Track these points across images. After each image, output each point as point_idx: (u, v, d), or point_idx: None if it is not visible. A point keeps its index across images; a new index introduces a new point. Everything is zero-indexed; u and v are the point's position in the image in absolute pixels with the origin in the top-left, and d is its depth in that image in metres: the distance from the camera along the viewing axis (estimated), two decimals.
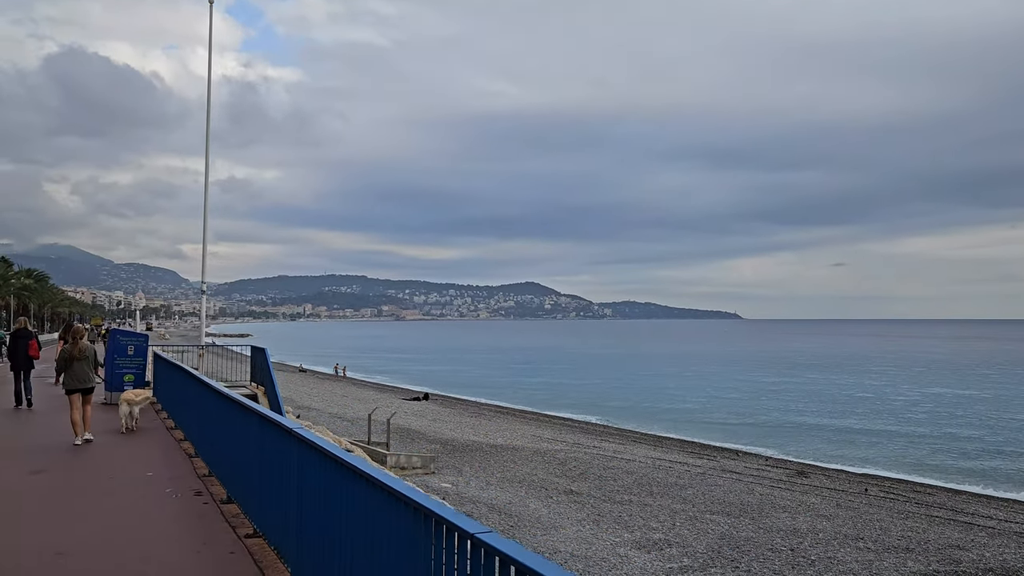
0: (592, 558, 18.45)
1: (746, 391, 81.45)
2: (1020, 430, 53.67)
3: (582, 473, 29.80)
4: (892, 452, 45.26)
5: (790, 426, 55.66)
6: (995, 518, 26.21)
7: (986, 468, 40.57)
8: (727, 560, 18.79)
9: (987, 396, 75.47)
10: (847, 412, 63.73)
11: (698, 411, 64.28)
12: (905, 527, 23.14)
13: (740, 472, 33.12)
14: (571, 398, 72.07)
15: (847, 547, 20.43)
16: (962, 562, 19.20)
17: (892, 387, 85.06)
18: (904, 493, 30.87)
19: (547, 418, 54.96)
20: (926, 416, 60.87)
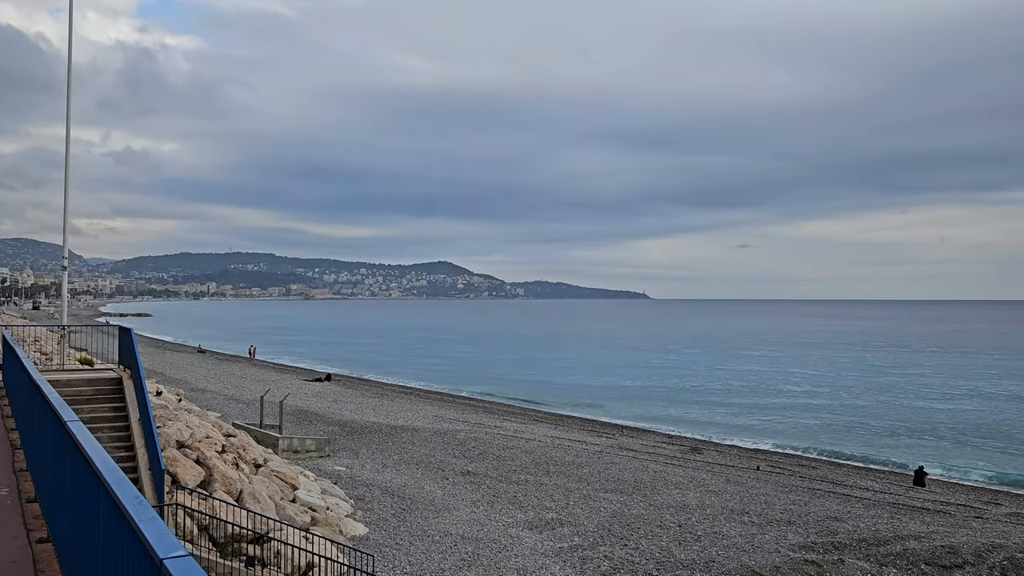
0: (483, 540, 18.30)
1: (649, 370, 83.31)
2: (897, 406, 56.73)
3: (481, 453, 29.68)
4: (782, 427, 47.07)
5: (689, 403, 57.19)
6: (871, 489, 27.49)
7: (865, 442, 42.66)
8: (616, 538, 18.97)
9: (870, 374, 79.52)
10: (743, 389, 65.98)
11: (601, 390, 65.31)
12: (788, 500, 23.95)
13: (636, 450, 33.71)
14: (477, 377, 72.04)
15: (733, 521, 20.96)
16: (839, 533, 19.98)
17: (786, 365, 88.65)
18: (790, 467, 32.06)
19: (451, 398, 54.73)
20: (815, 393, 63.65)
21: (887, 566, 17.61)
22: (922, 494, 27.64)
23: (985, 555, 18.12)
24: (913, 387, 67.74)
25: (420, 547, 17.37)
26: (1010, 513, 24.89)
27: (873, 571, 17.30)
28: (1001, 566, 17.61)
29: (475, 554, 17.09)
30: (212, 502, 14.71)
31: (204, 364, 67.17)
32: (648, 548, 18.22)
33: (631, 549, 18.08)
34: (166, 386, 28.99)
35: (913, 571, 17.45)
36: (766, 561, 17.38)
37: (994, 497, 28.39)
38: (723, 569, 16.83)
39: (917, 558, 18.00)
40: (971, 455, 39.12)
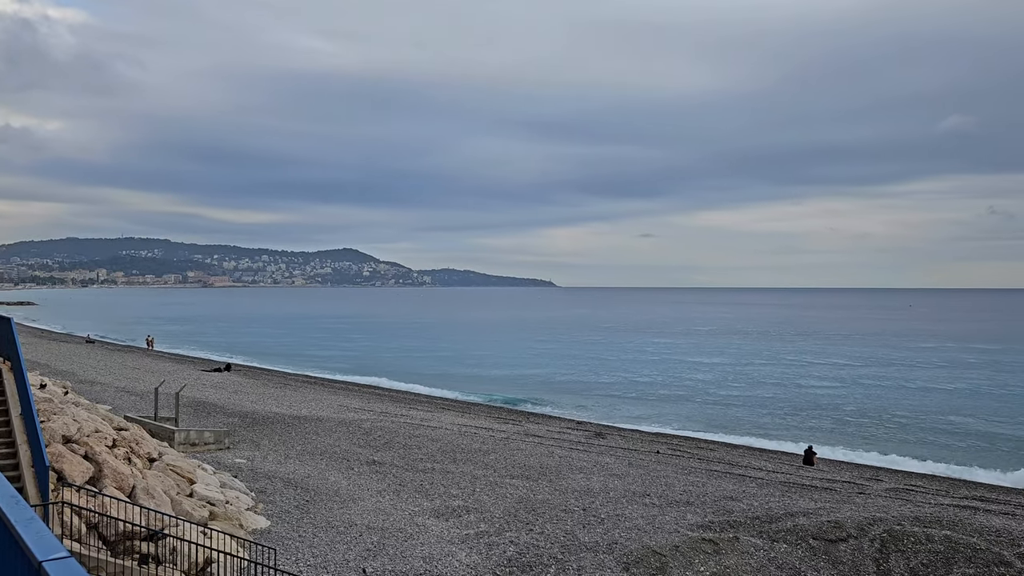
0: (388, 529, 18.16)
1: (555, 357, 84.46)
2: (789, 390, 59.49)
3: (387, 442, 29.43)
4: (682, 412, 48.61)
5: (594, 389, 58.31)
6: (764, 470, 28.74)
7: (759, 424, 44.57)
8: (522, 523, 19.17)
9: (764, 361, 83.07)
10: (646, 376, 67.77)
11: (508, 377, 65.82)
12: (687, 482, 24.76)
13: (542, 436, 34.13)
14: (384, 366, 71.33)
15: (635, 504, 21.51)
16: (734, 512, 20.79)
17: (687, 352, 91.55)
18: (689, 450, 33.14)
19: (356, 387, 54.02)
20: (713, 378, 66.01)
21: (778, 542, 18.45)
22: (811, 472, 29.07)
23: (867, 528, 19.22)
24: (803, 372, 71.14)
25: (324, 538, 17.10)
26: (889, 488, 26.48)
27: (765, 547, 18.08)
28: (881, 538, 18.72)
29: (381, 544, 16.95)
30: (102, 499, 14.04)
31: (94, 355, 63.99)
32: (553, 532, 18.49)
33: (536, 534, 18.31)
34: (51, 378, 27.43)
35: (802, 546, 18.33)
36: (666, 541, 17.91)
37: (875, 474, 30.14)
38: (625, 550, 17.25)
39: (806, 533, 18.92)
40: (855, 435, 41.41)
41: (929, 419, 46.03)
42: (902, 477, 30.01)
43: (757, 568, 17.13)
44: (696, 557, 17.17)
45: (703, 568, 16.75)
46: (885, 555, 18.09)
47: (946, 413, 48.10)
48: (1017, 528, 19.66)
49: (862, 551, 18.28)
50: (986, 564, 17.50)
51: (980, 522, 20.03)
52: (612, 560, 16.74)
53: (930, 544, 18.34)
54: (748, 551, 17.79)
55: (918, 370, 71.60)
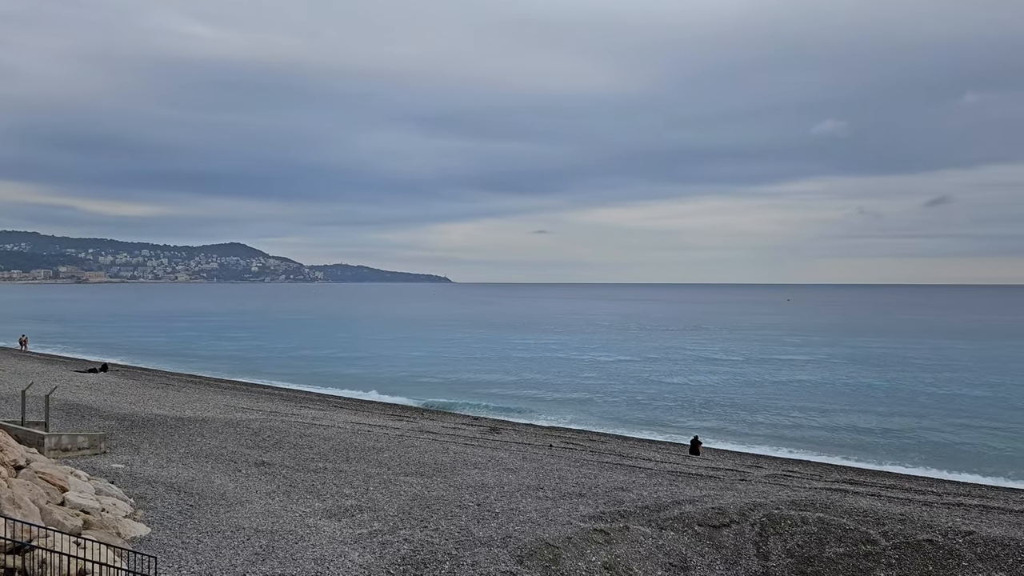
0: (278, 532, 17.65)
1: (450, 352, 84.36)
2: (677, 383, 61.58)
3: (277, 443, 28.62)
4: (576, 405, 49.52)
5: (489, 384, 58.58)
6: (653, 460, 29.63)
7: (649, 416, 45.95)
8: (416, 520, 19.03)
9: (654, 353, 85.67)
10: (540, 370, 68.63)
11: (403, 373, 65.26)
12: (580, 474, 25.21)
13: (437, 432, 34.02)
14: (274, 364, 69.40)
15: (529, 497, 21.72)
16: (624, 502, 21.31)
17: (580, 346, 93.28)
18: (582, 443, 33.79)
19: (244, 386, 52.28)
20: (605, 371, 67.57)
21: (666, 529, 19.05)
22: (697, 462, 30.18)
23: (748, 513, 20.12)
24: (690, 365, 73.80)
25: (209, 544, 16.46)
26: (768, 475, 27.84)
27: (654, 535, 18.63)
28: (761, 522, 19.63)
29: (270, 547, 16.46)
30: None
31: None
32: (448, 528, 18.45)
33: (431, 530, 18.22)
34: None
35: (688, 532, 19.00)
36: (559, 533, 18.18)
37: (756, 462, 31.62)
38: (519, 543, 17.40)
39: (692, 520, 19.62)
40: (738, 425, 43.30)
41: (804, 409, 48.64)
42: (780, 464, 31.61)
43: (646, 555, 17.64)
44: (588, 547, 17.50)
45: (595, 558, 17.10)
46: (764, 538, 18.98)
47: (820, 403, 50.96)
48: (882, 508, 21.01)
49: (744, 535, 19.11)
50: (855, 542, 18.63)
51: (850, 503, 21.29)
52: (506, 554, 16.86)
53: (805, 526, 19.36)
54: (638, 539, 18.29)
55: (795, 362, 75.55)
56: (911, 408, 48.40)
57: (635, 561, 17.32)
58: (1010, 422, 43.70)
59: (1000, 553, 18.14)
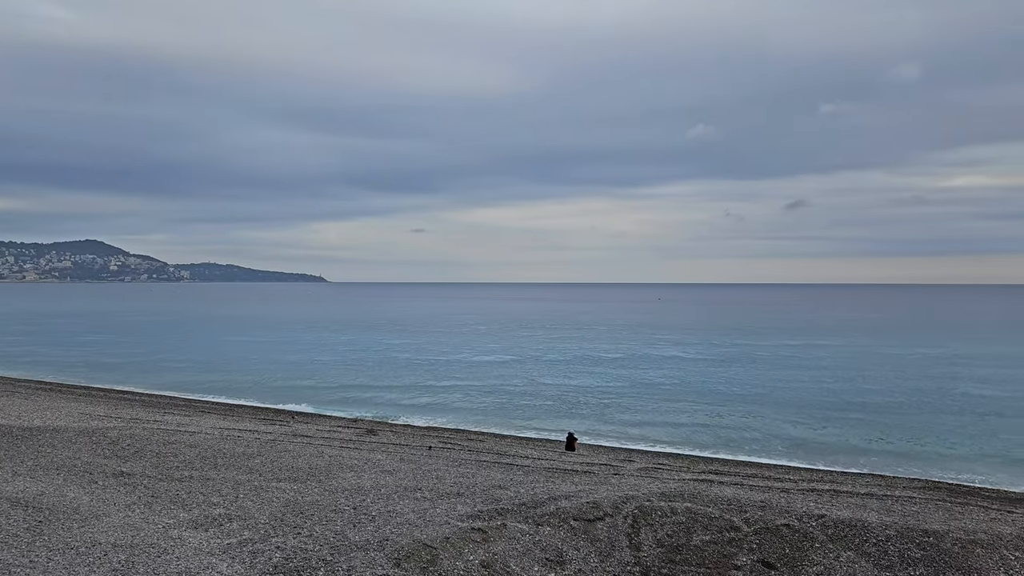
0: (139, 546, 16.69)
1: (326, 353, 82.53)
2: (553, 378, 62.76)
3: (137, 451, 27.07)
4: (454, 404, 49.53)
5: (366, 386, 57.70)
6: (530, 457, 30.04)
7: (527, 414, 46.57)
8: (290, 527, 18.47)
9: (532, 350, 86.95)
10: (418, 369, 68.22)
11: (274, 375, 63.30)
12: (458, 474, 25.22)
13: (312, 436, 33.18)
14: (134, 368, 65.64)
15: (406, 499, 21.52)
16: (502, 500, 21.47)
17: (459, 345, 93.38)
18: (460, 442, 33.82)
19: (101, 392, 49.18)
20: (485, 370, 67.96)
21: (543, 525, 19.34)
22: (573, 458, 30.83)
23: (621, 506, 20.72)
24: (566, 361, 75.34)
25: (61, 562, 15.36)
26: (640, 468, 28.79)
27: (531, 531, 18.87)
28: (633, 514, 20.26)
29: (129, 562, 15.53)
30: None
31: None
32: (323, 533, 18.01)
33: (305, 537, 17.74)
34: None
35: (564, 527, 19.37)
36: (437, 533, 18.11)
37: (629, 456, 32.65)
38: (396, 546, 17.21)
39: (567, 515, 20.02)
40: (611, 420, 44.56)
41: (673, 404, 50.66)
42: (651, 457, 32.76)
43: (523, 552, 17.84)
44: (466, 546, 17.52)
45: (472, 557, 17.14)
46: (636, 529, 19.61)
47: (688, 398, 53.20)
48: (744, 496, 22.14)
49: (617, 527, 19.68)
50: (719, 529, 19.54)
51: (715, 493, 22.31)
52: (383, 557, 16.63)
53: (674, 516, 20.14)
54: (515, 536, 18.47)
55: (664, 359, 78.56)
56: (771, 401, 51.32)
57: (512, 558, 17.49)
58: (860, 413, 47.11)
59: (848, 533, 19.48)
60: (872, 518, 20.60)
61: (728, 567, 18.72)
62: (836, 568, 18.58)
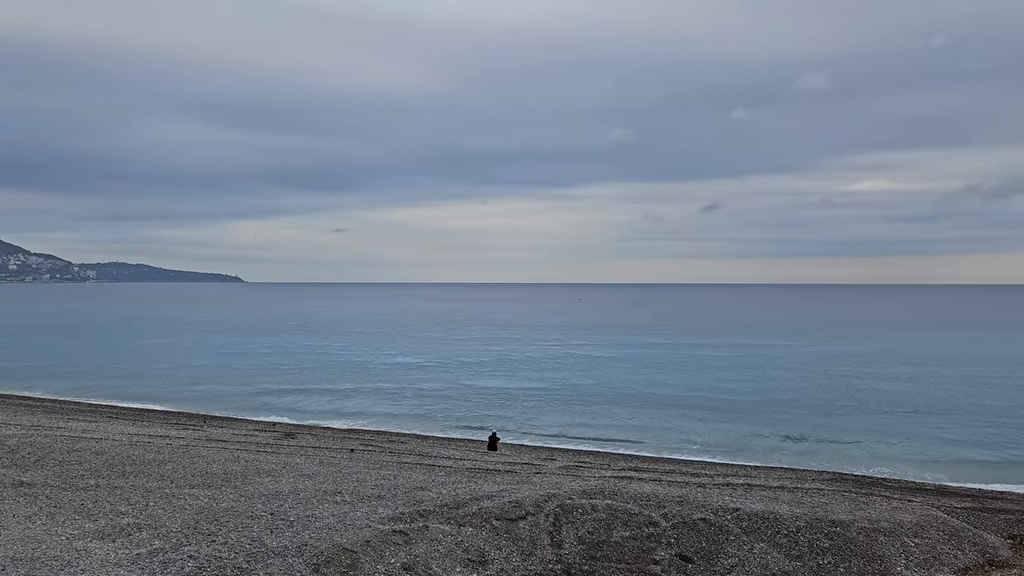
0: (41, 559, 15.87)
1: (241, 354, 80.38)
2: (475, 378, 62.74)
3: (39, 460, 25.76)
4: (377, 406, 48.98)
5: (284, 388, 56.46)
6: (452, 458, 29.94)
7: (451, 413, 46.43)
8: (203, 535, 17.88)
9: (456, 351, 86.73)
10: (337, 371, 67.16)
11: (186, 379, 61.27)
12: (379, 476, 24.93)
13: (227, 440, 32.24)
14: (35, 373, 62.50)
15: (326, 503, 21.14)
16: (424, 501, 21.32)
17: (378, 346, 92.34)
18: (382, 444, 33.46)
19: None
20: (407, 370, 67.40)
21: (465, 526, 19.29)
22: (495, 457, 30.88)
23: (543, 504, 20.86)
24: (488, 362, 75.44)
25: None
26: (562, 466, 29.06)
27: (453, 532, 18.80)
28: (555, 512, 20.43)
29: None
30: None
31: None
32: (238, 541, 17.51)
33: (219, 544, 17.20)
34: None
35: (486, 527, 19.36)
36: (357, 537, 17.84)
37: (551, 454, 32.91)
38: (316, 551, 16.88)
39: (489, 515, 20.02)
40: (534, 419, 44.83)
41: (595, 402, 51.36)
42: (573, 456, 33.11)
43: (445, 553, 17.75)
44: (387, 550, 17.33)
45: (394, 560, 16.96)
46: (558, 527, 19.78)
47: (609, 396, 54.03)
48: (663, 492, 22.60)
49: (538, 526, 19.80)
50: (639, 525, 19.89)
51: (635, 489, 22.71)
52: (301, 563, 16.27)
53: (595, 513, 20.40)
54: (437, 538, 18.36)
55: (585, 357, 79.57)
56: (688, 399, 52.59)
57: (434, 560, 17.38)
58: (772, 410, 48.76)
59: (761, 526, 20.11)
60: (784, 510, 21.32)
61: (647, 562, 19.07)
62: (750, 560, 19.16)
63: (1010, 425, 42.72)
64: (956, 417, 45.24)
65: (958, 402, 50.51)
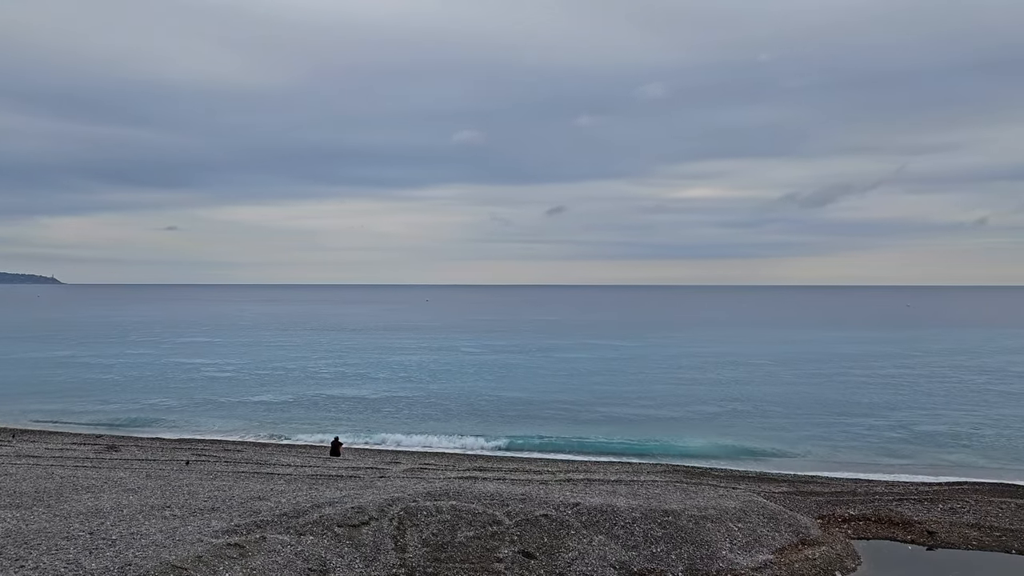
0: None
1: (54, 365, 74.13)
2: (318, 382, 61.10)
3: None
4: (207, 414, 46.56)
5: (104, 399, 52.61)
6: (293, 465, 28.98)
7: (288, 421, 44.92)
8: (10, 560, 16.30)
9: (296, 354, 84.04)
10: (165, 378, 63.35)
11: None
12: (213, 487, 23.70)
13: (40, 456, 29.59)
14: None
15: (153, 518, 19.85)
16: (261, 511, 20.47)
17: (210, 351, 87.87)
18: (216, 453, 31.85)
19: None
20: (241, 375, 64.53)
21: (305, 535, 18.71)
22: (337, 463, 30.17)
23: (386, 509, 20.59)
24: (328, 365, 73.65)
25: None
26: (407, 469, 28.83)
27: (293, 542, 18.19)
28: (399, 516, 20.23)
29: None
30: None
31: None
32: (51, 564, 16.10)
33: (29, 570, 15.75)
34: None
35: (328, 535, 18.88)
36: (188, 553, 16.88)
37: (395, 458, 32.56)
38: (141, 570, 15.80)
39: (332, 522, 19.53)
40: (378, 422, 44.20)
41: (439, 403, 51.37)
42: (417, 458, 32.92)
43: (284, 564, 17.14)
44: (221, 564, 16.51)
45: (228, 574, 16.19)
46: (402, 531, 19.59)
47: (452, 396, 54.18)
48: (506, 490, 22.93)
49: (382, 530, 19.53)
50: (483, 524, 20.07)
51: (479, 489, 22.88)
52: None
53: (439, 515, 20.38)
54: (275, 549, 17.70)
55: (430, 358, 79.44)
56: (531, 398, 53.69)
57: (272, 572, 16.74)
58: (611, 406, 50.71)
59: (600, 519, 20.84)
60: (621, 503, 22.21)
61: (491, 560, 19.27)
62: (589, 552, 19.81)
63: (820, 414, 46.76)
64: (776, 409, 48.95)
65: (779, 395, 54.67)
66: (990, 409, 48.76)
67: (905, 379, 63.54)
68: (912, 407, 49.38)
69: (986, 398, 53.43)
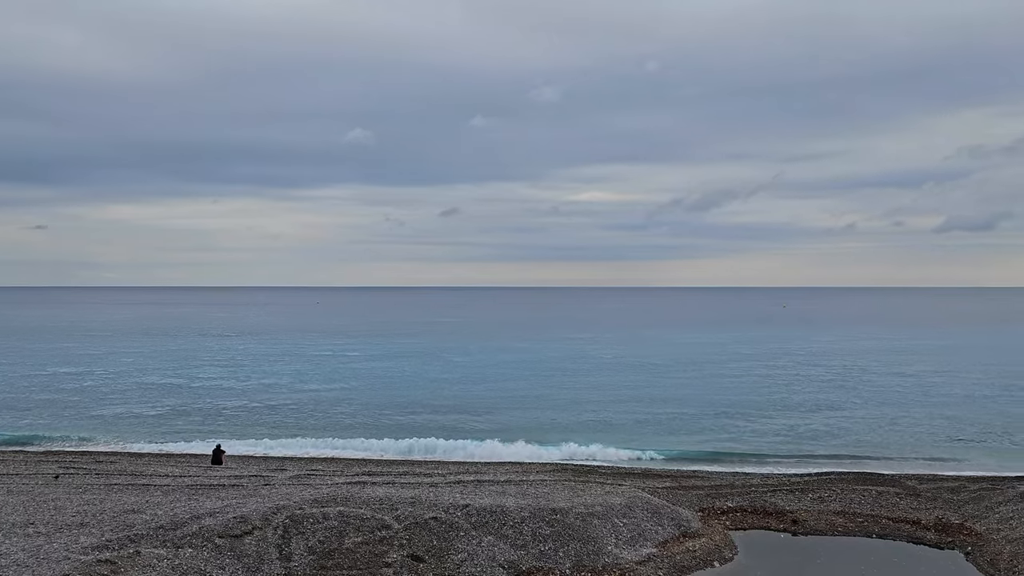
0: None
1: None
2: (194, 390, 58.81)
3: None
4: (76, 424, 44.05)
5: None
6: (171, 475, 27.73)
7: (165, 429, 43.01)
8: None
9: (175, 359, 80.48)
10: (26, 384, 59.46)
11: None
12: (83, 501, 22.42)
13: None
14: None
15: (14, 536, 18.61)
16: (135, 525, 19.51)
17: (79, 354, 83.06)
18: (87, 466, 30.12)
19: None
20: (110, 381, 61.29)
21: (183, 547, 17.97)
22: (219, 471, 29.07)
23: (271, 517, 20.02)
24: (212, 370, 70.97)
25: None
26: (293, 476, 28.09)
27: (170, 555, 17.44)
28: (284, 524, 19.71)
29: None
30: None
31: None
32: None
33: None
34: None
35: (208, 547, 18.19)
36: (53, 572, 15.93)
37: (281, 464, 31.65)
38: None
39: (212, 533, 18.82)
40: (263, 428, 42.90)
41: (326, 406, 50.37)
42: (304, 464, 32.11)
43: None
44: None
45: None
46: (287, 540, 19.11)
47: (341, 400, 53.26)
48: (396, 494, 22.72)
49: (267, 540, 18.99)
50: (371, 529, 19.82)
51: (368, 494, 22.59)
52: None
53: (326, 521, 19.99)
54: (151, 563, 16.93)
55: (319, 361, 77.77)
56: (422, 399, 53.40)
57: None
58: (501, 406, 51.08)
59: (489, 520, 20.96)
60: (510, 503, 22.40)
61: (379, 565, 19.04)
62: (478, 553, 19.88)
63: (703, 412, 48.67)
64: (661, 406, 50.60)
65: (664, 393, 56.53)
66: (856, 406, 52.10)
67: (779, 378, 67.04)
68: (785, 406, 52.17)
69: (853, 396, 57.02)
